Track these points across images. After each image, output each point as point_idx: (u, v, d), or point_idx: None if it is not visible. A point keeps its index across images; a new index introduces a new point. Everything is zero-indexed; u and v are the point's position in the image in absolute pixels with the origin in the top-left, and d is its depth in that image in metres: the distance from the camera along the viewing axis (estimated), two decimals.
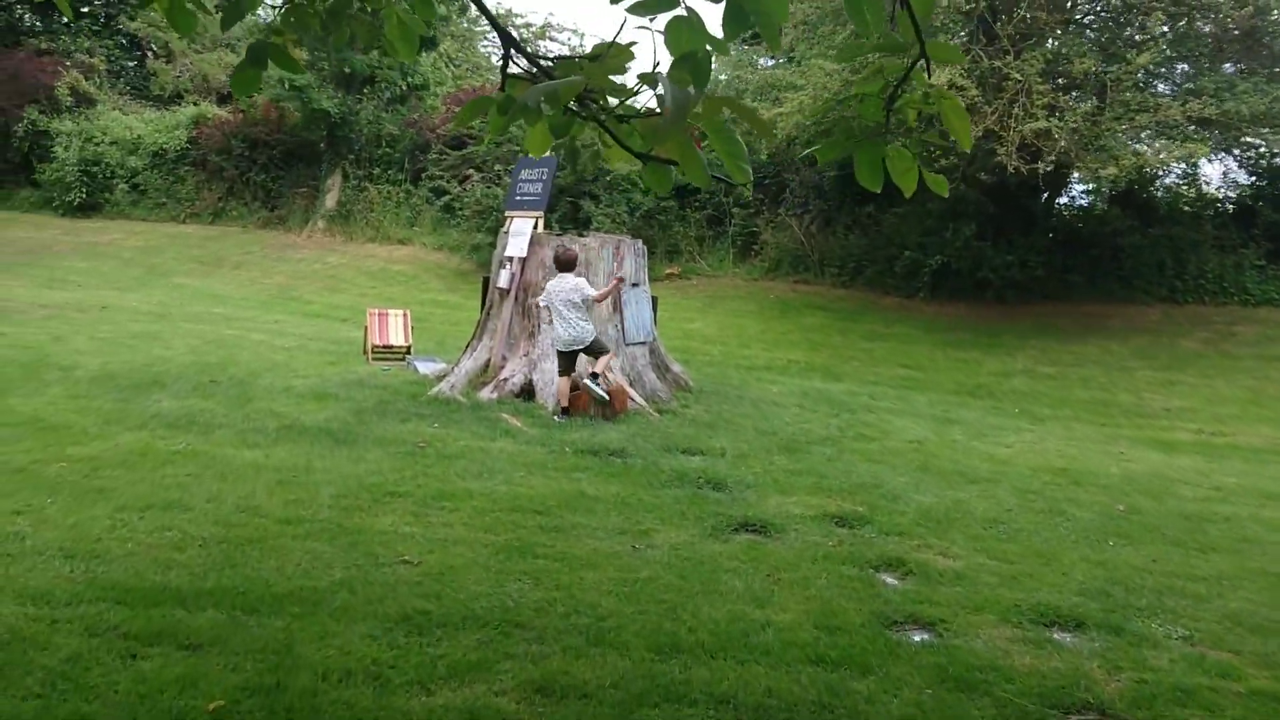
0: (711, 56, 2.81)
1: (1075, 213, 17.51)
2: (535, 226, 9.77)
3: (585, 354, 8.71)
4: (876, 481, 7.23)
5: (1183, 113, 12.33)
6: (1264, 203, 16.36)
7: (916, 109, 2.34)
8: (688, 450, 7.80)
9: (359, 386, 9.37)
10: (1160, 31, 12.82)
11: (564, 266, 8.78)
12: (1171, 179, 17.30)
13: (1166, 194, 17.36)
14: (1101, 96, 13.05)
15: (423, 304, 16.49)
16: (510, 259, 9.69)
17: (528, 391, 9.19)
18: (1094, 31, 14.88)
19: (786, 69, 16.34)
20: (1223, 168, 17.07)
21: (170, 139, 23.45)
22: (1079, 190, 17.56)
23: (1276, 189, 16.53)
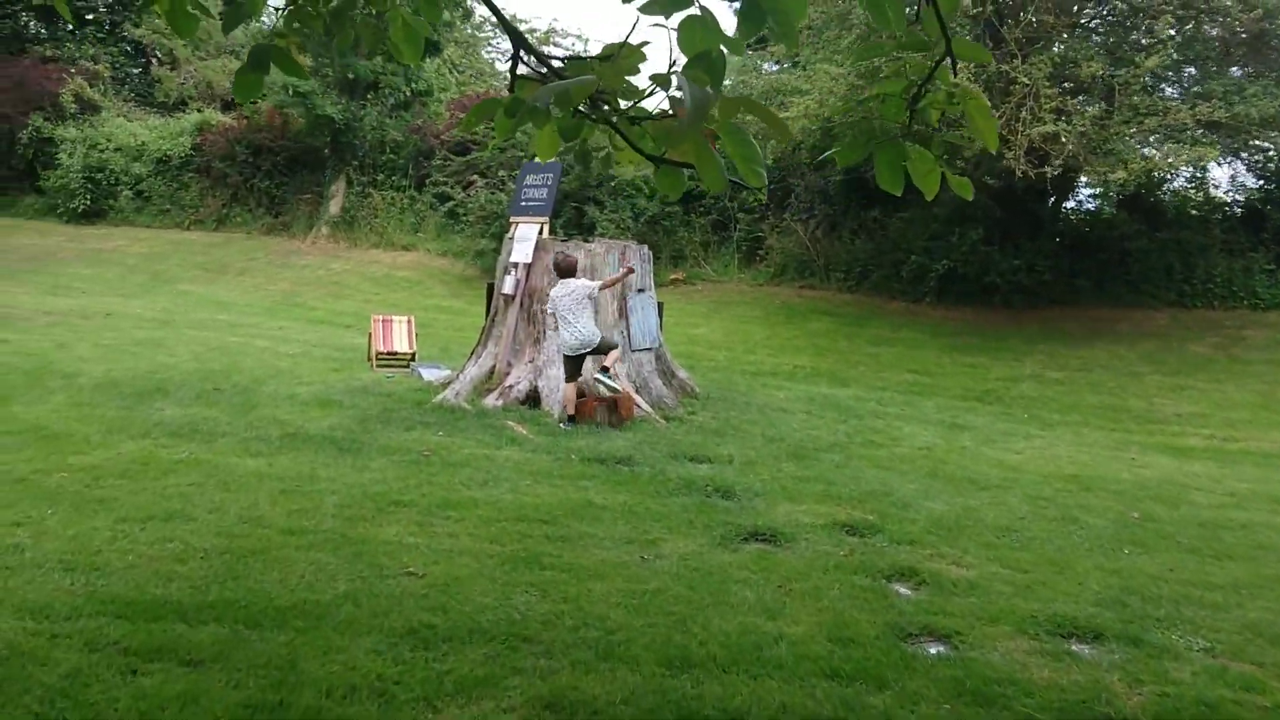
0: (726, 57, 2.75)
1: (1082, 217, 17.40)
2: (540, 232, 9.70)
3: (593, 355, 8.65)
4: (886, 489, 7.14)
5: (1192, 116, 12.23)
6: (1272, 206, 16.23)
7: (940, 109, 2.26)
8: (695, 458, 7.72)
9: (363, 393, 9.30)
10: (1168, 35, 12.72)
11: (564, 273, 8.72)
12: (1179, 183, 17.19)
13: (1174, 198, 17.25)
14: (1109, 100, 12.96)
15: (426, 310, 16.43)
16: (515, 265, 9.62)
17: (533, 398, 9.12)
18: (1100, 35, 14.80)
19: (791, 74, 16.27)
20: (1231, 171, 16.96)
21: (174, 146, 23.44)
22: (1086, 194, 17.46)
23: None
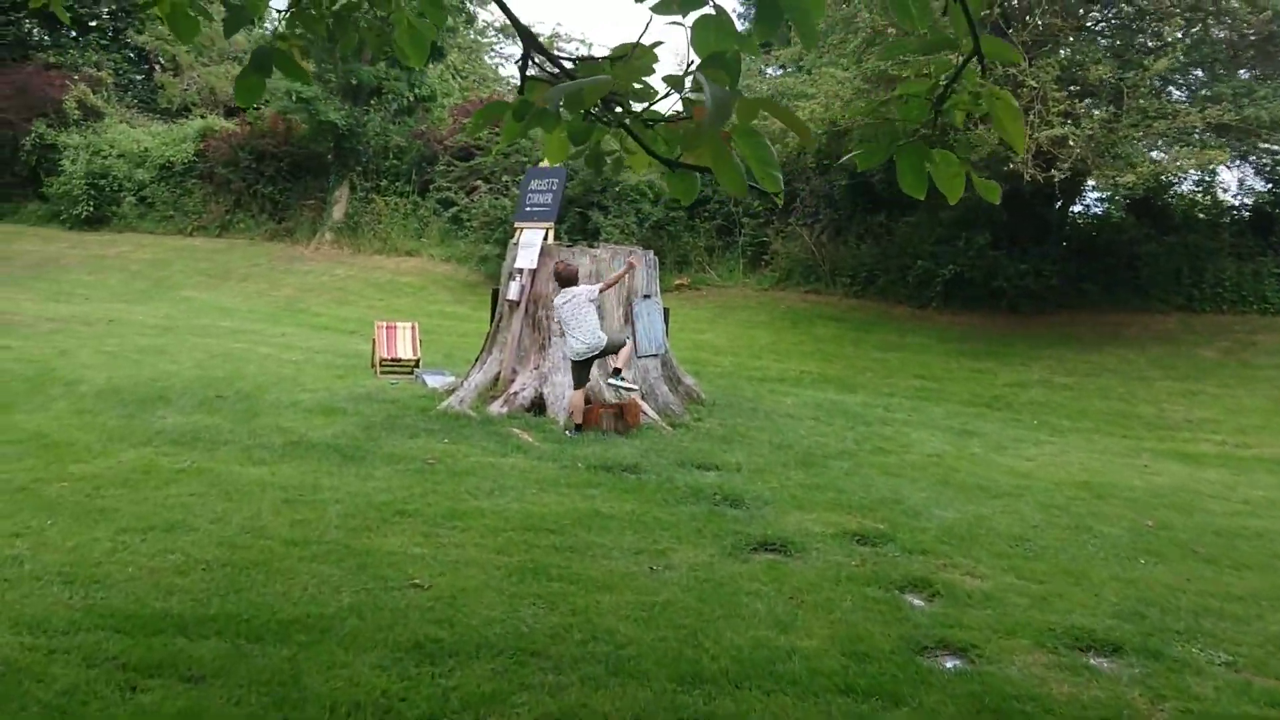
0: (741, 57, 2.67)
1: (1090, 221, 17.30)
2: (545, 238, 9.63)
3: (601, 357, 8.59)
4: (896, 497, 7.05)
5: (1201, 119, 12.14)
6: None
7: (965, 110, 2.18)
8: (702, 465, 7.63)
9: (367, 400, 9.23)
10: (1176, 37, 12.64)
11: (565, 282, 8.66)
12: (1186, 187, 17.09)
13: (1181, 201, 17.15)
14: (1118, 103, 12.87)
15: (430, 315, 16.36)
16: (520, 271, 9.55)
17: (538, 405, 9.03)
18: (1106, 39, 14.72)
19: (796, 77, 16.21)
20: (1239, 174, 16.86)
21: (177, 152, 23.40)
22: (1093, 198, 17.36)
23: None
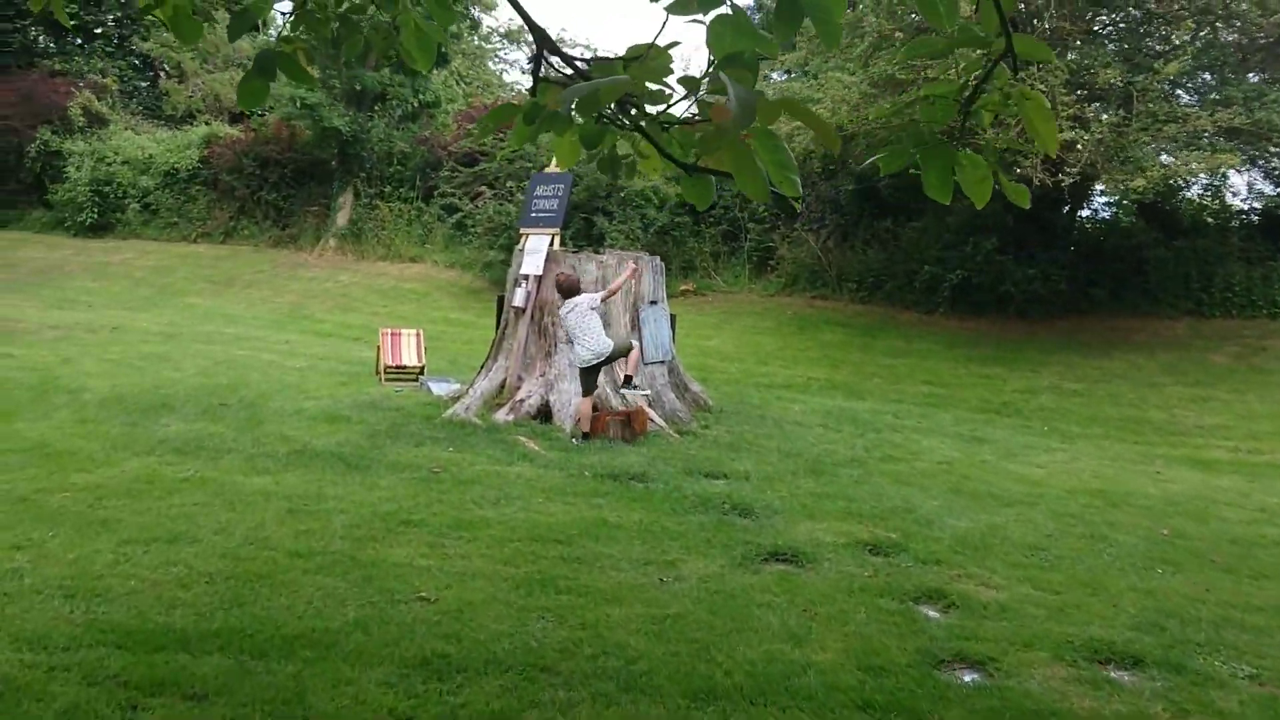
0: (759, 59, 2.59)
1: (1098, 225, 17.20)
2: (551, 244, 9.56)
3: (608, 363, 8.51)
4: (908, 505, 6.95)
5: (1212, 123, 12.05)
6: None
7: (994, 111, 2.10)
8: (711, 474, 7.54)
9: (371, 408, 9.15)
10: (1184, 40, 12.56)
11: (568, 293, 8.58)
12: (1195, 190, 16.98)
13: (1189, 206, 17.05)
14: (1127, 107, 12.79)
15: (434, 322, 16.30)
16: (526, 277, 9.47)
17: (544, 413, 8.95)
18: (1114, 43, 14.64)
19: (803, 82, 16.14)
20: (1248, 178, 16.76)
21: (182, 158, 23.40)
22: (1100, 202, 17.26)
23: None
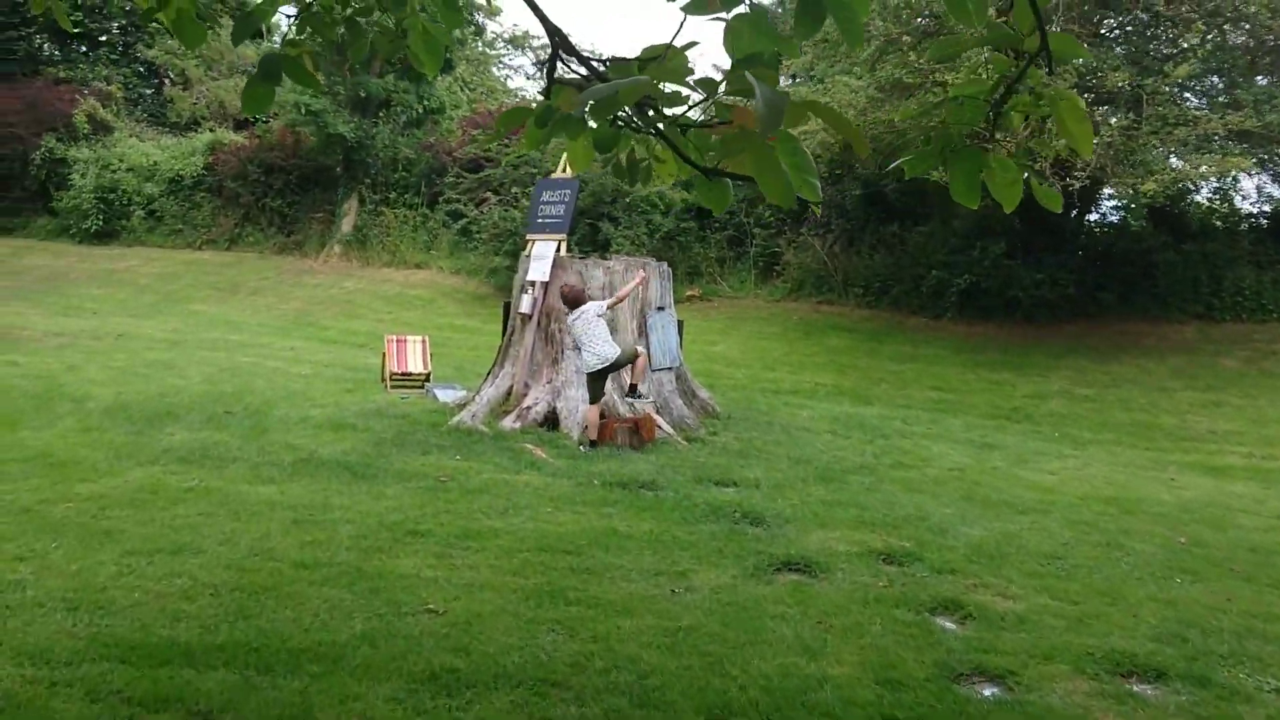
0: (779, 60, 2.52)
1: (1106, 229, 17.09)
2: (558, 250, 9.49)
3: (615, 369, 8.44)
4: (921, 513, 6.87)
5: (1223, 125, 11.96)
6: None
7: (1025, 112, 2.02)
8: (720, 481, 7.46)
9: (377, 416, 9.09)
10: (1194, 43, 12.47)
11: (573, 304, 8.51)
12: (1204, 194, 16.87)
13: (1197, 209, 16.93)
14: (1137, 110, 12.70)
15: (440, 328, 16.24)
16: (532, 283, 9.40)
17: (551, 420, 8.88)
18: (1123, 46, 14.56)
19: (809, 87, 16.07)
20: (1257, 182, 16.64)
21: (186, 165, 23.40)
22: (1109, 206, 17.16)
23: None
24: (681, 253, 18.61)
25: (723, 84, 2.24)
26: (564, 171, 10.34)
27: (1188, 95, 14.55)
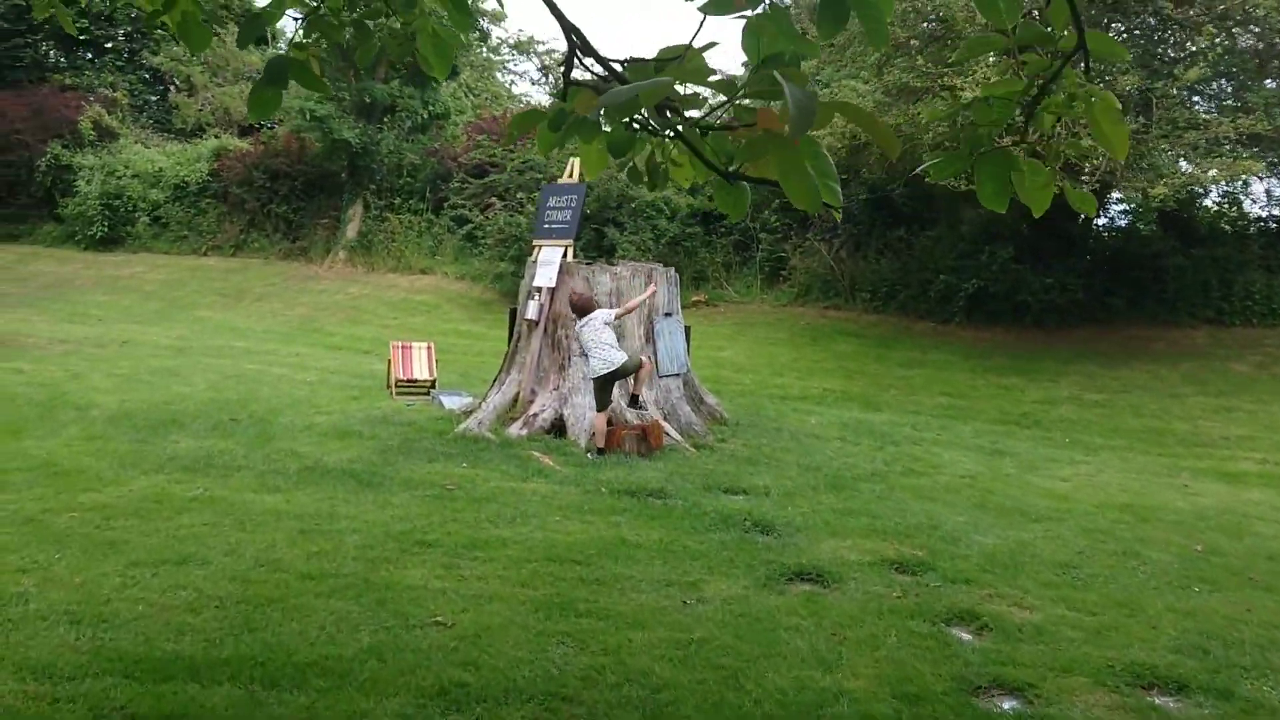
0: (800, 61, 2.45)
1: (1115, 234, 17.00)
2: (564, 255, 9.43)
3: (621, 377, 8.36)
4: (933, 521, 6.78)
5: (1234, 129, 11.88)
6: None
7: (1058, 113, 1.95)
8: (730, 489, 7.38)
9: (383, 423, 9.02)
10: (1203, 46, 12.39)
11: (581, 311, 8.45)
12: (1212, 198, 16.77)
13: (1206, 213, 16.83)
14: (1146, 113, 12.62)
15: (445, 334, 16.19)
16: (539, 289, 9.34)
17: (558, 427, 8.81)
18: (1131, 50, 14.47)
19: (814, 90, 16.00)
20: (1267, 185, 16.54)
21: (192, 172, 23.40)
22: (1117, 210, 17.06)
23: None
24: (687, 258, 18.54)
25: (743, 85, 2.18)
26: (570, 177, 10.29)
27: (1196, 99, 14.48)
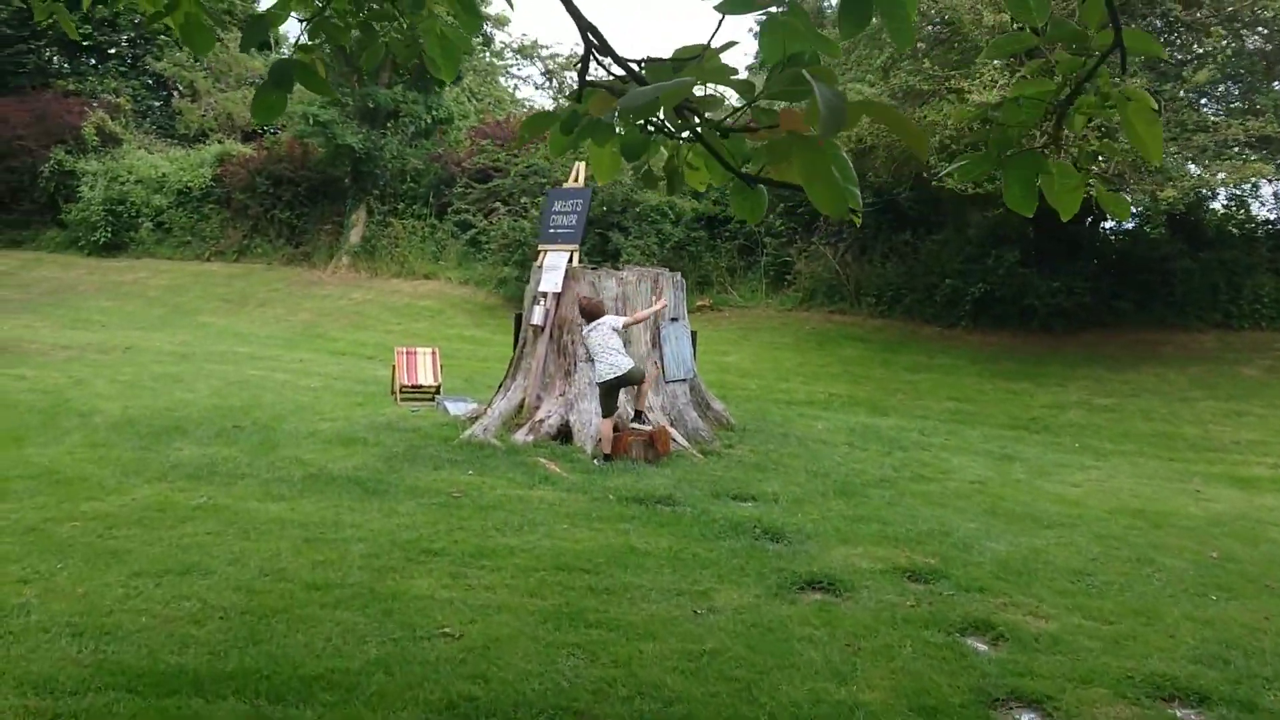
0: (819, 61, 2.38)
1: (1122, 237, 16.91)
2: (570, 260, 9.36)
3: (626, 384, 8.29)
4: (944, 528, 6.70)
5: (1243, 131, 11.80)
6: None
7: (1090, 114, 1.88)
8: (738, 496, 7.31)
9: (388, 430, 8.96)
10: (1212, 48, 12.32)
11: (590, 316, 8.39)
12: (1220, 201, 16.67)
13: (1213, 216, 16.73)
14: None
15: (449, 339, 16.13)
16: (544, 295, 9.28)
17: (564, 434, 8.74)
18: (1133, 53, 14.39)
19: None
20: (1275, 188, 16.44)
21: (195, 177, 23.38)
22: None
23: None
24: (692, 262, 18.48)
25: (761, 85, 2.11)
26: (575, 181, 10.23)
27: (1205, 101, 14.39)
